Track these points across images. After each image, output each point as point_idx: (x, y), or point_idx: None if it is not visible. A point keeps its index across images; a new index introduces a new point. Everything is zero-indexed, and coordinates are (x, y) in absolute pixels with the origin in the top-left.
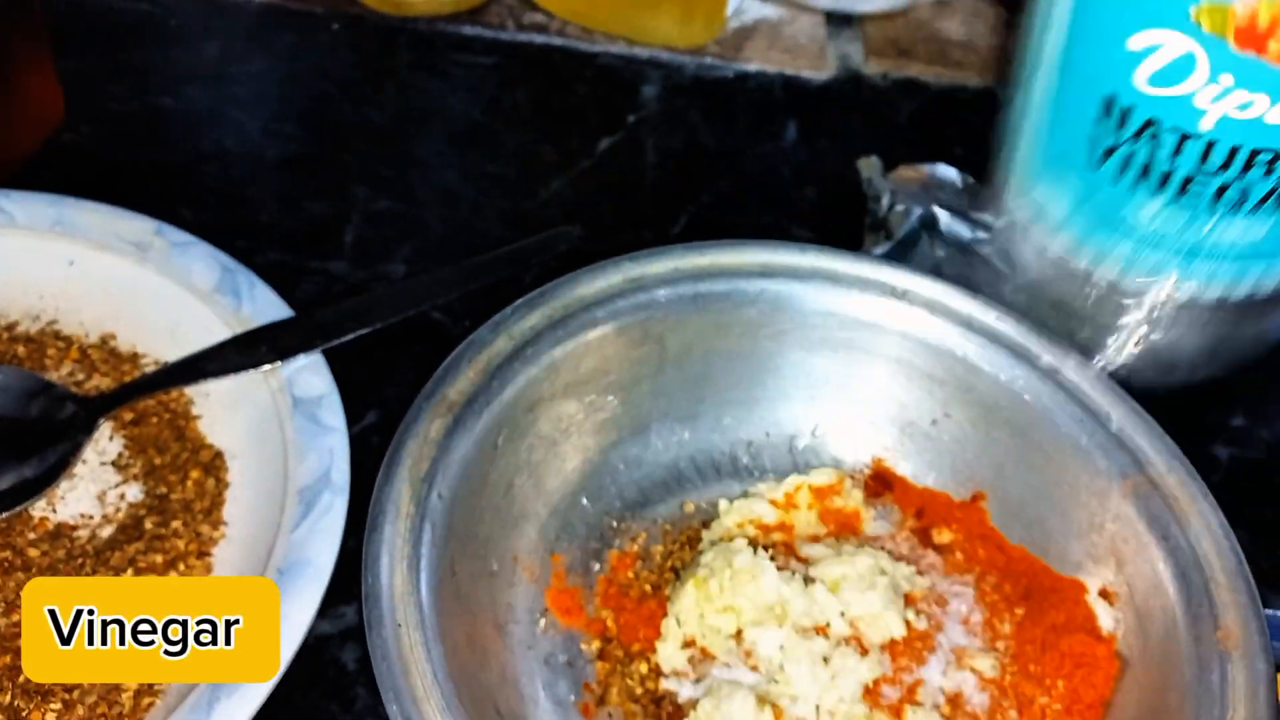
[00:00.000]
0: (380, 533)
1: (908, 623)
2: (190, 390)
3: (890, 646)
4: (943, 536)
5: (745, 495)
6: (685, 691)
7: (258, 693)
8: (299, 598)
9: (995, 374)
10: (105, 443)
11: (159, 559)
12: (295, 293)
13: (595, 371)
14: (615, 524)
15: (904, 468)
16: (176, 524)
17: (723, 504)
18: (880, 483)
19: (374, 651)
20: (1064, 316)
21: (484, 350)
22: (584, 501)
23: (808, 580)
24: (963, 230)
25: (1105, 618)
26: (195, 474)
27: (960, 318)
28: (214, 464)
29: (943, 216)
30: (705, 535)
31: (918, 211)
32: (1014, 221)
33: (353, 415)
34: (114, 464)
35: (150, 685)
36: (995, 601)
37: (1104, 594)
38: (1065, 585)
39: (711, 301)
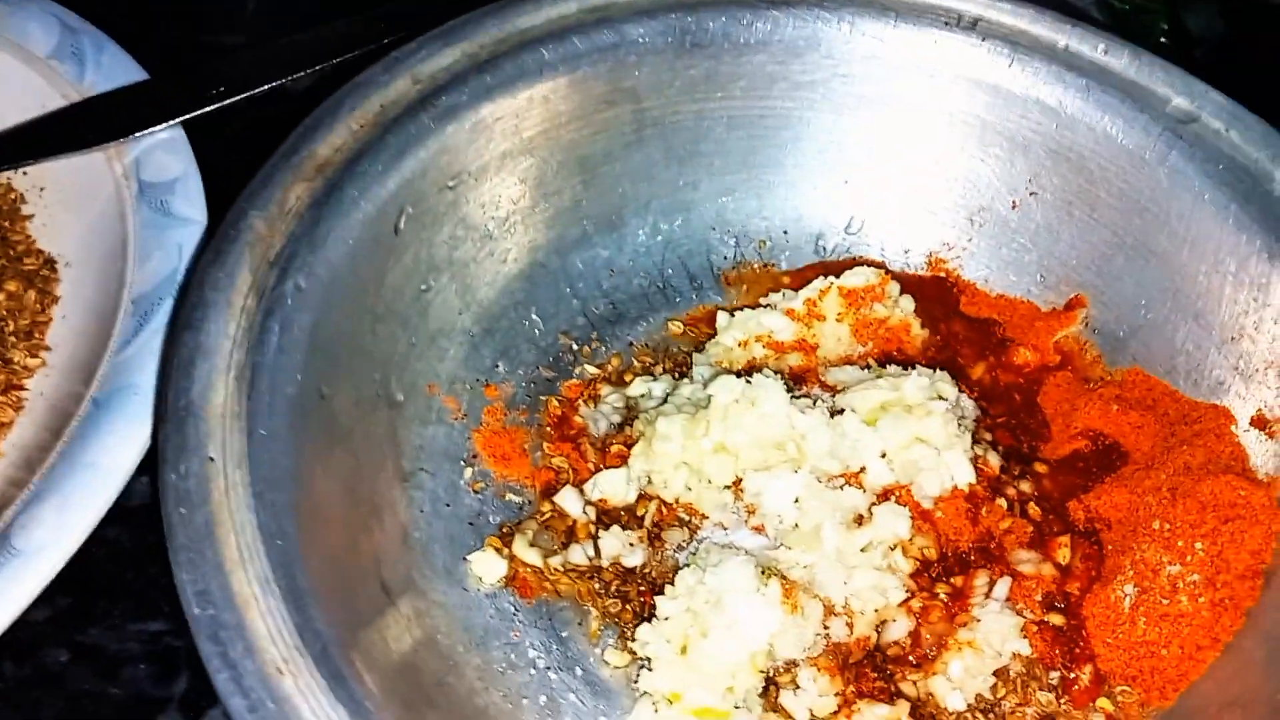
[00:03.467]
0: (197, 330)
1: (979, 463)
2: (21, 184)
3: (951, 502)
4: (1024, 358)
5: (754, 307)
6: (669, 563)
7: (46, 562)
8: (118, 434)
9: (1103, 128)
10: None
11: None
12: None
13: (544, 138)
14: (575, 346)
15: (973, 269)
16: None
17: (721, 318)
18: (940, 289)
19: (165, 494)
20: None
21: (375, 95)
22: (533, 317)
23: (834, 412)
24: None
25: (1262, 454)
26: (12, 286)
27: (1054, 53)
28: (40, 274)
29: None
30: (697, 359)
31: None
32: None
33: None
34: None
35: None
36: None
37: (1259, 423)
38: (1202, 413)
39: (705, 43)
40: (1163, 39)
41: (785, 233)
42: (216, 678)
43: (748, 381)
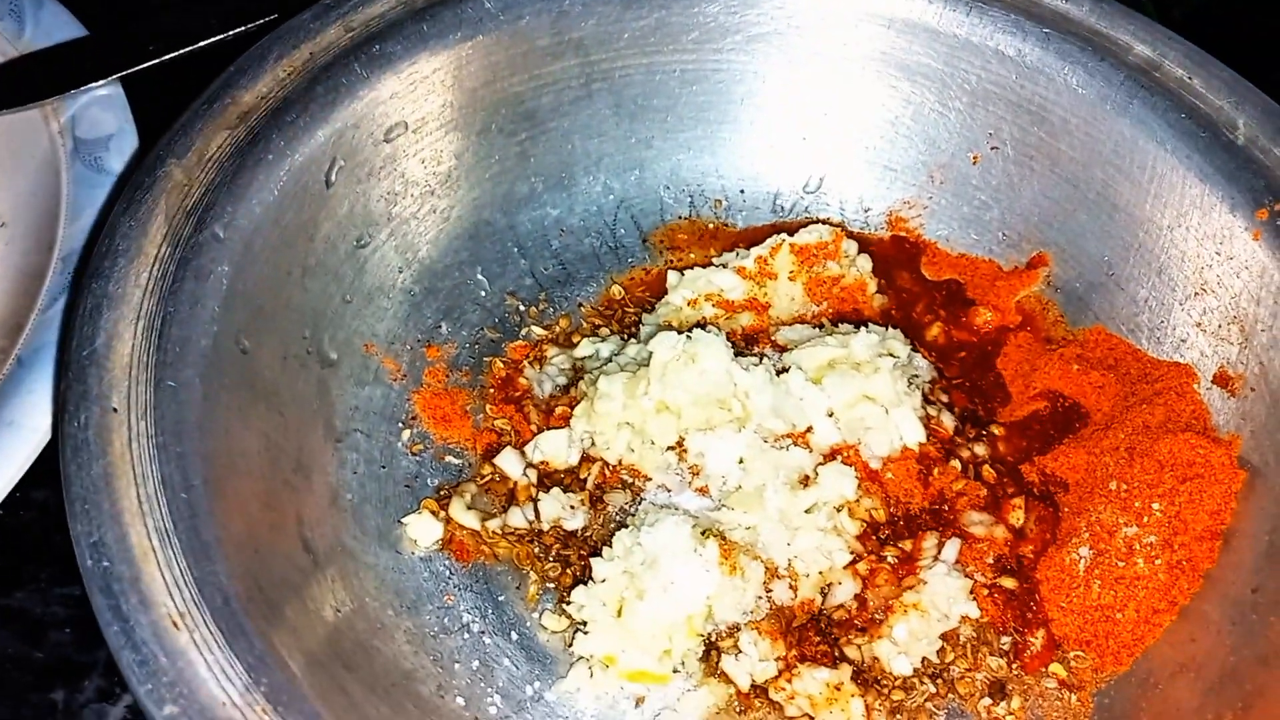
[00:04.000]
0: (105, 279)
1: (930, 424)
2: None
3: (901, 463)
4: (984, 318)
5: (706, 266)
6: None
7: None
8: (40, 392)
9: (1064, 79)
10: None
11: None
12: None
13: (487, 90)
14: (522, 307)
15: (934, 228)
16: None
17: (671, 276)
18: (901, 249)
19: (63, 445)
20: None
21: (305, 43)
22: (479, 276)
23: (780, 370)
24: None
25: (1224, 412)
26: None
27: (1012, 1)
28: None
29: None
30: (646, 320)
31: None
32: None
33: None
34: None
35: None
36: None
37: (1221, 380)
38: (1164, 372)
39: None
40: None
41: (742, 191)
42: (108, 631)
43: (687, 337)
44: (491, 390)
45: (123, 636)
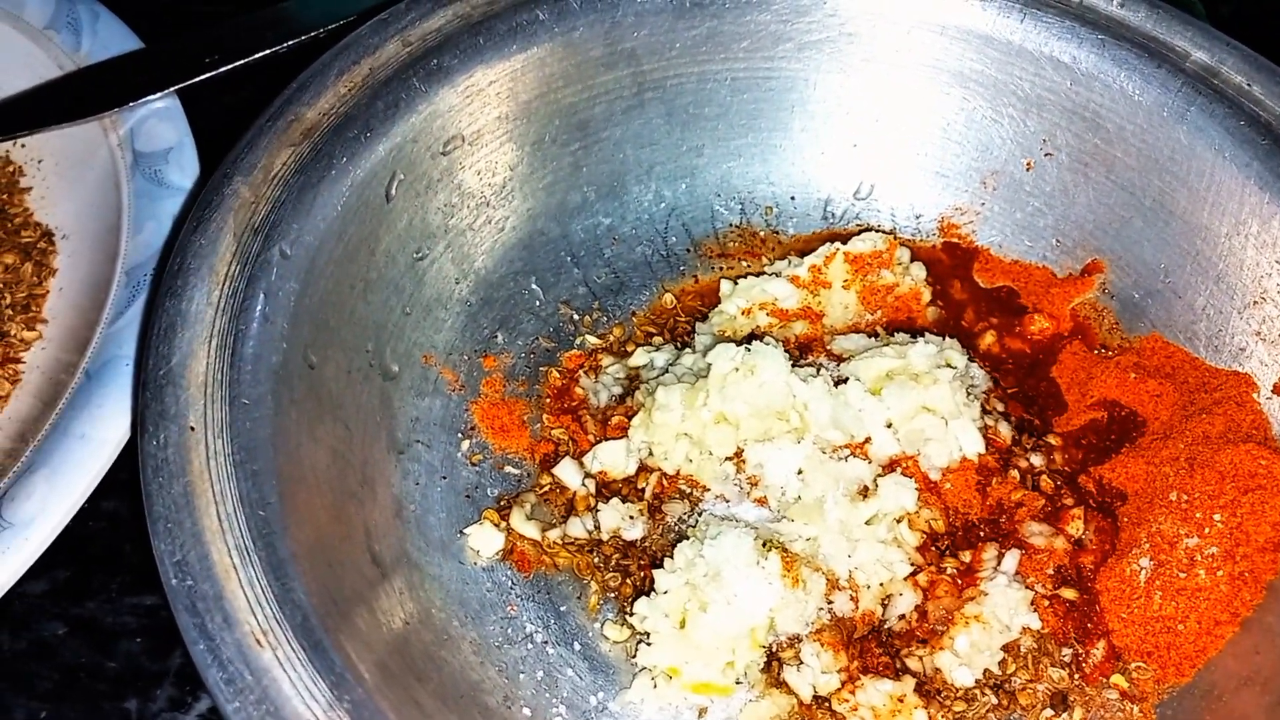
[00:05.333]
0: (178, 298)
1: (987, 434)
2: (20, 156)
3: (960, 474)
4: (1039, 325)
5: (759, 274)
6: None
7: (36, 534)
8: (109, 405)
9: (1120, 85)
10: None
11: None
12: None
13: (541, 102)
14: (576, 316)
15: (986, 234)
16: None
17: (724, 285)
18: (953, 255)
19: (144, 464)
20: None
21: (365, 58)
22: (533, 286)
23: (838, 381)
24: None
25: None
26: (10, 259)
27: (1067, 7)
28: (38, 247)
29: None
30: (700, 329)
31: None
32: None
33: None
34: None
35: None
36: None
37: None
38: (1223, 381)
39: (706, 1)
40: None
41: (792, 199)
42: (194, 649)
43: (746, 349)
44: (548, 400)
45: (209, 655)
